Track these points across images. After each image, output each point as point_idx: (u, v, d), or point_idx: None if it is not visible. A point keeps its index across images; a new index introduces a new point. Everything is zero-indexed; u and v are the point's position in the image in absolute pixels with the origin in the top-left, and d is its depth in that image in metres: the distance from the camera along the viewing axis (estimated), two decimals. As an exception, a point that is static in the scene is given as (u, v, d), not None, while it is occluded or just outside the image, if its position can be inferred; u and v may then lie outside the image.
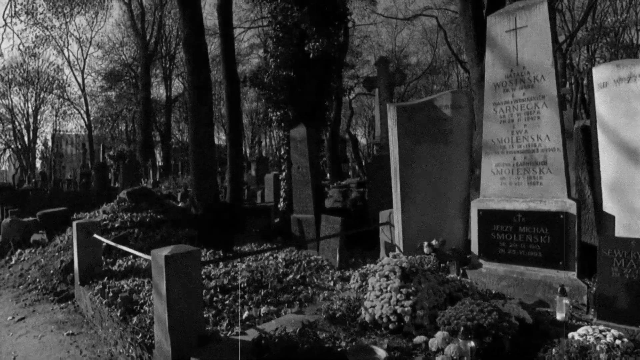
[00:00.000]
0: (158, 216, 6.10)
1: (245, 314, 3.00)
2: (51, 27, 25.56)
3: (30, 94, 31.68)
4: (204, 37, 6.50)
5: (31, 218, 7.41)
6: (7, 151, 33.79)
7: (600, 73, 3.24)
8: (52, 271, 5.10)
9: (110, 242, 3.82)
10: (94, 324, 3.70)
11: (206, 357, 2.36)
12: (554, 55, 3.28)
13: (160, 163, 28.34)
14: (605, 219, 3.19)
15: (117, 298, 3.38)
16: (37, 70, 30.34)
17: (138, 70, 27.49)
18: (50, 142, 33.95)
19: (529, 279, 3.23)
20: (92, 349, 3.23)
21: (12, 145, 32.38)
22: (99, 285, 3.89)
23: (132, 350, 2.85)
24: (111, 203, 6.68)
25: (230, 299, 3.28)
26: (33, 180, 20.05)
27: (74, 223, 4.39)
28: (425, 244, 3.61)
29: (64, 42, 30.03)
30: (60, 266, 5.12)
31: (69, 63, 32.28)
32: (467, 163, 3.88)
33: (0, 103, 30.72)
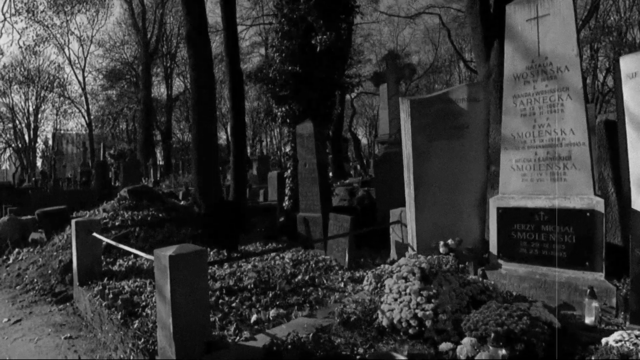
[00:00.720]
0: (160, 215, 5.93)
1: (253, 317, 2.83)
2: (52, 25, 25.45)
3: (31, 93, 31.55)
4: (207, 32, 6.33)
5: (30, 217, 7.25)
6: (8, 150, 33.66)
7: (629, 63, 3.06)
8: (50, 271, 4.94)
9: (110, 241, 3.66)
10: (93, 327, 3.53)
11: (213, 364, 2.20)
12: (578, 45, 3.11)
13: (160, 162, 28.19)
14: (635, 217, 3.01)
15: (118, 300, 3.21)
16: (38, 69, 30.21)
17: (139, 69, 27.34)
18: (50, 141, 33.82)
19: (553, 281, 3.06)
20: (91, 354, 3.06)
21: (13, 144, 32.25)
22: (99, 286, 3.73)
23: (134, 357, 2.68)
24: (111, 201, 6.52)
25: (237, 301, 3.11)
26: (33, 179, 19.91)
27: (73, 221, 4.22)
28: (441, 243, 3.44)
29: (65, 40, 29.83)
30: (58, 266, 4.95)
31: (69, 61, 32.04)
32: (483, 159, 3.71)
33: (1, 102, 30.60)
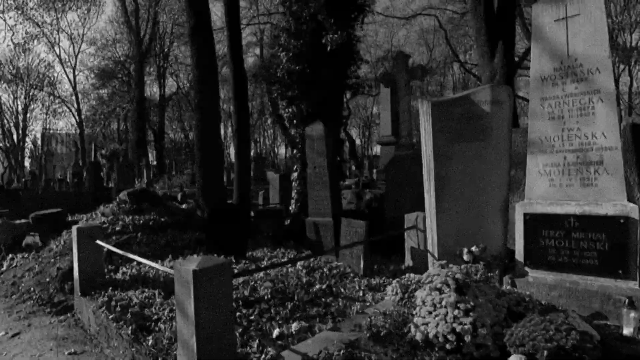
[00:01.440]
0: (162, 219, 5.71)
1: (275, 331, 2.66)
2: (42, 22, 24.87)
3: (20, 91, 30.76)
4: (210, 29, 6.13)
5: (23, 220, 6.95)
6: (-5, 150, 32.80)
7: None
8: (48, 279, 4.69)
9: (117, 250, 3.45)
10: (99, 341, 3.32)
11: (241, 387, 2.03)
12: (609, 46, 3.01)
13: (153, 162, 27.74)
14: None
15: (127, 313, 3.01)
16: (27, 67, 29.48)
17: (131, 68, 26.87)
18: (39, 140, 33.04)
19: (584, 289, 2.95)
20: (99, 372, 2.87)
21: (0, 144, 31.41)
22: (104, 297, 3.52)
23: (149, 375, 2.49)
24: (110, 205, 6.27)
25: (256, 313, 2.94)
26: (23, 179, 19.37)
27: (74, 227, 4.00)
28: (465, 250, 3.32)
29: (55, 38, 29.16)
30: (57, 274, 4.71)
31: (60, 60, 31.33)
32: (506, 163, 3.59)
33: (-12, 100, 29.80)
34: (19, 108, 31.52)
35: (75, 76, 30.70)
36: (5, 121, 31.31)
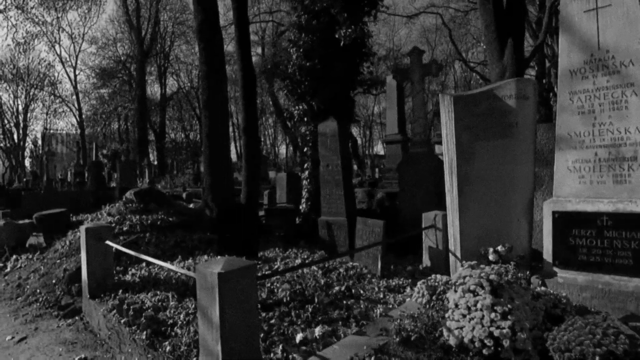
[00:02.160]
0: (170, 219, 5.58)
1: (298, 336, 2.54)
2: (42, 22, 24.73)
3: (20, 91, 30.60)
4: (219, 25, 6.00)
5: (27, 220, 6.83)
6: (-5, 150, 32.64)
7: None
8: (54, 281, 4.57)
9: (129, 251, 3.32)
10: (110, 346, 3.19)
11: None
12: (643, 37, 2.88)
13: (155, 162, 27.61)
14: None
15: (141, 317, 2.89)
16: (27, 67, 29.33)
17: (132, 67, 26.73)
18: (40, 140, 32.89)
19: (618, 290, 2.83)
20: (113, 378, 2.74)
21: (1, 144, 31.27)
22: (114, 300, 3.39)
23: (167, 383, 2.37)
24: (116, 204, 6.14)
25: (276, 316, 2.81)
26: (24, 179, 19.25)
27: (82, 228, 3.87)
28: (491, 250, 3.18)
29: (56, 37, 28.96)
30: (63, 275, 4.58)
31: (60, 59, 31.16)
32: (532, 159, 3.47)
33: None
34: (20, 108, 31.38)
35: (76, 76, 30.58)
36: (6, 121, 31.17)
